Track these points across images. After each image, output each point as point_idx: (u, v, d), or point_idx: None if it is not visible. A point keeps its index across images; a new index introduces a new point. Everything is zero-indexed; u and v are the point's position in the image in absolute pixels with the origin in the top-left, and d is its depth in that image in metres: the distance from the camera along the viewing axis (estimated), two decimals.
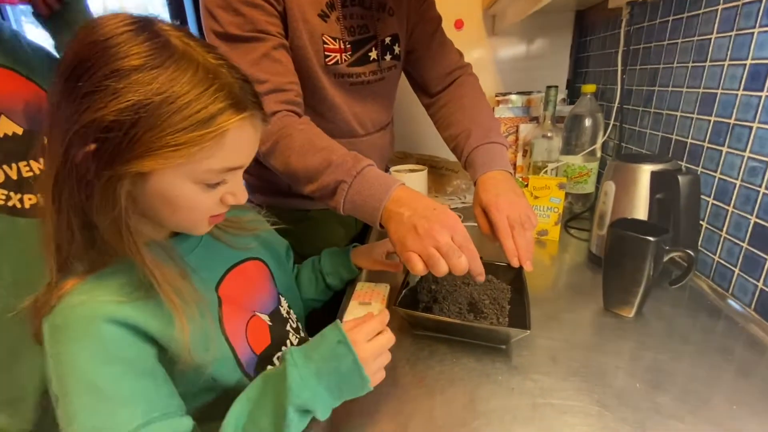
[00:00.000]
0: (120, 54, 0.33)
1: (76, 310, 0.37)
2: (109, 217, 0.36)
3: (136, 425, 0.35)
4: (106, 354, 0.36)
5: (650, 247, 0.56)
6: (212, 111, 0.36)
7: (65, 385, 0.35)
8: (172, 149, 0.35)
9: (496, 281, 0.68)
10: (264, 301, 0.56)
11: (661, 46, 0.81)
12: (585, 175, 1.01)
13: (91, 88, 0.33)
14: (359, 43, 0.75)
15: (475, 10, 1.22)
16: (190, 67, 0.35)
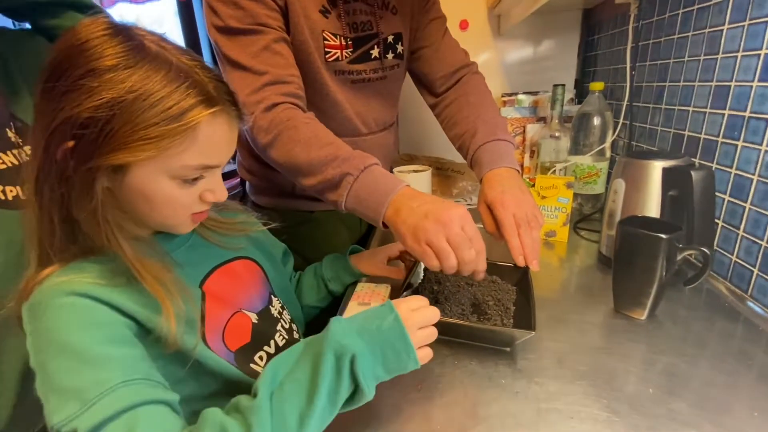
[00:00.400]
0: (95, 55, 0.35)
1: (52, 288, 0.37)
2: (86, 210, 0.37)
3: (115, 383, 0.34)
4: (80, 320, 0.36)
5: (662, 245, 0.53)
6: (184, 106, 0.36)
7: (43, 355, 0.35)
8: (145, 142, 0.35)
9: (501, 282, 0.66)
10: (252, 300, 0.54)
11: (671, 40, 0.78)
12: (594, 175, 0.98)
13: (68, 87, 0.34)
14: (361, 40, 0.75)
15: (480, 10, 1.21)
16: (162, 67, 0.36)
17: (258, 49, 0.64)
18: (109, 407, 0.33)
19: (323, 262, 0.72)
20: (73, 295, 0.36)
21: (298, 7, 0.67)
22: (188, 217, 0.43)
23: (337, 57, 0.73)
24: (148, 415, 0.34)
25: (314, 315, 0.71)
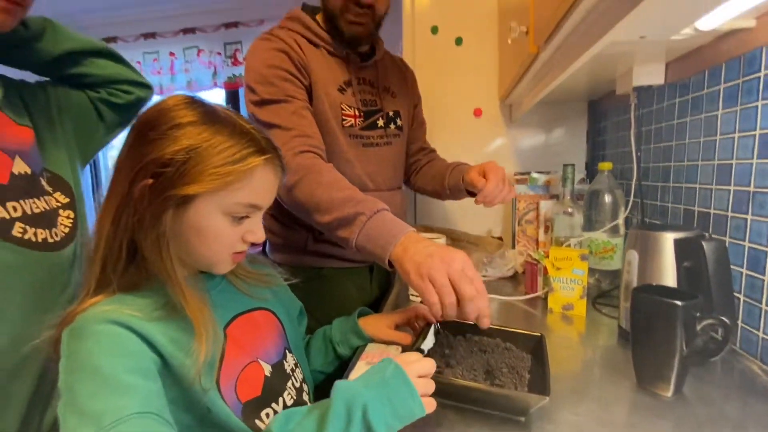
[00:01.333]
0: (180, 114, 0.45)
1: (94, 315, 0.41)
2: (152, 238, 0.43)
3: (131, 413, 0.36)
4: (112, 347, 0.39)
5: (679, 313, 0.52)
6: (244, 153, 0.45)
7: (73, 377, 0.38)
8: (213, 177, 0.43)
9: (516, 349, 0.64)
10: (269, 351, 0.55)
11: (672, 125, 0.84)
12: (610, 251, 0.98)
13: (157, 136, 0.43)
14: (369, 112, 0.91)
15: (493, 99, 1.34)
16: (228, 126, 0.46)
17: (287, 113, 0.78)
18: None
19: (332, 325, 0.72)
20: (111, 323, 0.40)
21: (320, 86, 0.84)
22: (230, 255, 0.49)
23: (351, 124, 0.89)
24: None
25: (320, 380, 0.70)
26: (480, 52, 1.30)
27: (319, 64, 0.85)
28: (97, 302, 0.42)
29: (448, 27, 1.31)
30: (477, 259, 1.16)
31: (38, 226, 0.58)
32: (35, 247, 0.57)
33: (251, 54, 0.85)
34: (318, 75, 0.84)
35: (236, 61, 2.66)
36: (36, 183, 0.61)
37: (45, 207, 0.61)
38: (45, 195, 0.61)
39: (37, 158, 0.63)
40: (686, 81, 0.79)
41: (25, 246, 0.56)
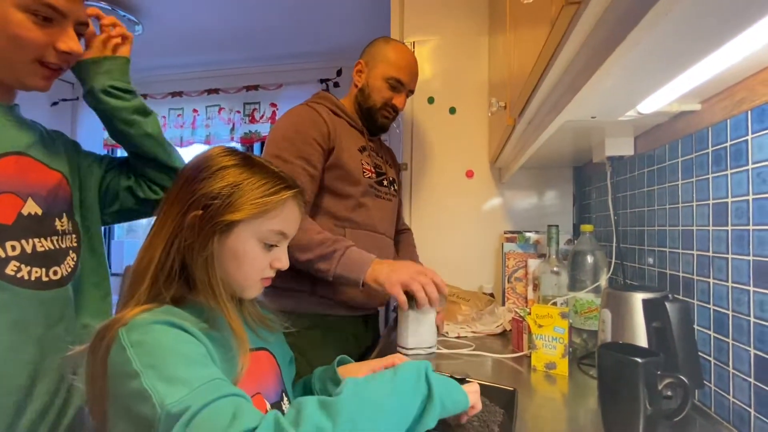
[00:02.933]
0: (224, 160, 0.55)
1: (148, 317, 0.47)
2: (202, 258, 0.51)
3: (216, 378, 0.42)
4: (182, 337, 0.46)
5: (640, 370, 0.54)
6: (278, 188, 0.55)
7: (151, 357, 0.42)
8: (253, 206, 0.52)
9: (489, 403, 0.65)
10: (269, 390, 0.58)
11: (643, 192, 0.90)
12: (594, 310, 1.00)
13: (206, 175, 0.53)
14: (378, 173, 1.10)
15: (483, 162, 1.43)
16: (263, 168, 0.57)
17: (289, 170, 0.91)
18: (216, 391, 0.40)
19: (314, 374, 0.73)
20: (168, 324, 0.46)
21: (344, 145, 1.03)
22: (259, 280, 0.57)
23: (369, 176, 1.08)
24: (246, 403, 0.41)
25: None
26: (471, 119, 1.42)
27: (343, 129, 1.06)
28: (148, 309, 0.48)
29: (443, 97, 1.44)
30: (467, 315, 1.18)
31: (35, 265, 0.61)
32: (25, 285, 0.59)
33: (284, 117, 1.04)
34: (342, 137, 1.04)
35: (253, 119, 2.87)
36: (46, 223, 0.64)
37: (51, 246, 0.64)
38: (54, 235, 0.65)
39: (56, 201, 0.67)
40: (652, 153, 0.86)
41: (15, 284, 0.58)
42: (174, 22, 2.39)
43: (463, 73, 1.43)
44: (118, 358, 0.43)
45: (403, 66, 1.10)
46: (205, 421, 0.37)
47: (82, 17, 0.65)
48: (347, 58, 2.70)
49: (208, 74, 2.94)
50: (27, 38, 0.59)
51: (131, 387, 0.41)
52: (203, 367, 0.43)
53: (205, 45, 2.64)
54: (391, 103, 1.10)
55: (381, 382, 0.45)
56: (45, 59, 0.62)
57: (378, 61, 1.10)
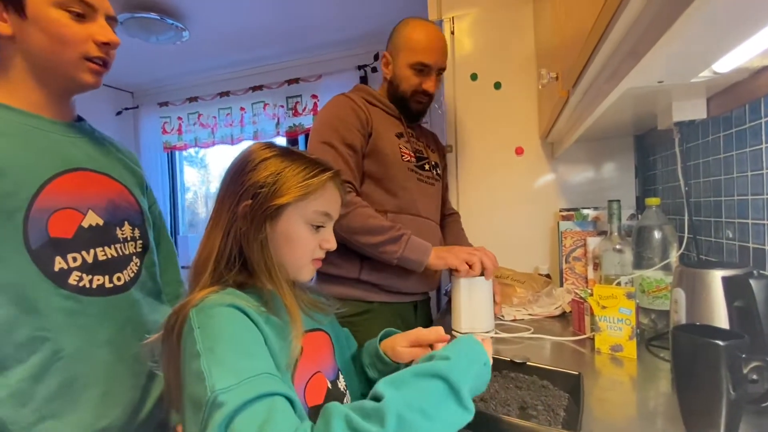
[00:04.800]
0: (264, 153, 0.59)
1: (217, 299, 0.51)
2: (257, 244, 0.55)
3: (262, 372, 0.44)
4: (238, 323, 0.49)
5: (722, 353, 0.50)
6: (317, 171, 0.59)
7: (212, 341, 0.46)
8: (296, 189, 0.56)
9: (552, 388, 0.64)
10: (328, 368, 0.62)
11: (719, 159, 0.82)
12: (664, 289, 0.93)
13: (250, 168, 0.57)
14: (419, 157, 1.10)
15: (534, 138, 1.36)
16: (301, 156, 0.61)
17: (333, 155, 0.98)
18: (258, 388, 0.42)
19: (364, 348, 0.75)
20: (232, 307, 0.50)
21: (382, 130, 1.05)
22: (311, 261, 0.61)
23: (408, 159, 1.09)
24: (282, 405, 0.42)
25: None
26: (518, 93, 1.35)
27: (379, 117, 1.08)
28: (214, 291, 0.52)
29: (487, 73, 1.38)
30: (522, 297, 1.15)
31: (97, 273, 0.65)
32: (88, 293, 0.64)
33: (326, 107, 1.08)
34: (379, 124, 1.06)
35: (296, 112, 2.93)
36: (108, 232, 0.68)
37: (114, 254, 0.68)
38: (117, 243, 0.69)
39: (118, 210, 0.71)
40: (729, 115, 0.77)
41: (78, 292, 0.62)
42: (218, 25, 2.48)
43: (507, 45, 1.36)
44: (188, 338, 0.48)
45: (424, 48, 1.06)
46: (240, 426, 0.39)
47: (110, 11, 0.68)
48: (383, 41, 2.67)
49: (252, 72, 3.03)
50: (69, 34, 0.63)
51: (193, 366, 0.44)
52: (255, 358, 0.46)
53: (247, 43, 2.72)
54: (421, 88, 1.08)
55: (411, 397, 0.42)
56: (89, 54, 0.65)
57: (399, 49, 1.08)
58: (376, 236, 0.94)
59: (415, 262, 0.95)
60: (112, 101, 3.46)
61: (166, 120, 3.30)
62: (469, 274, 0.91)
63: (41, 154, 0.63)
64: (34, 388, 0.59)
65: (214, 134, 3.15)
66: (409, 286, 1.04)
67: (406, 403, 0.41)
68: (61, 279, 0.61)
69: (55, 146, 0.65)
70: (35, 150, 0.63)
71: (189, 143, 3.23)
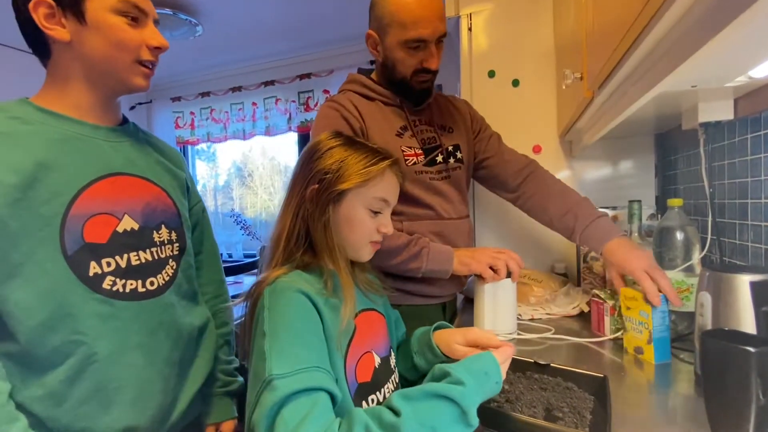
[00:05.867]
0: (330, 143, 0.65)
1: (288, 283, 0.57)
2: (321, 224, 0.61)
3: (312, 365, 0.50)
4: (300, 312, 0.54)
5: (752, 360, 0.50)
6: (376, 159, 0.64)
7: (275, 325, 0.53)
8: (358, 176, 0.62)
9: (577, 389, 0.64)
10: (380, 345, 0.66)
11: (745, 161, 0.81)
12: (685, 291, 0.93)
13: (317, 156, 0.64)
14: (429, 150, 1.01)
15: (552, 136, 1.35)
16: (363, 146, 0.66)
17: None
18: (305, 381, 0.48)
19: (414, 335, 0.77)
20: (299, 292, 0.55)
21: (378, 136, 0.95)
22: (369, 243, 0.66)
23: (414, 162, 0.99)
24: (323, 400, 0.48)
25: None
26: (537, 90, 1.34)
27: (374, 117, 0.97)
28: (284, 273, 0.59)
29: (504, 70, 1.37)
30: (540, 296, 1.15)
31: (130, 278, 0.66)
32: (121, 297, 0.65)
33: (317, 119, 0.99)
34: (374, 128, 0.96)
35: (308, 107, 2.93)
36: (144, 236, 0.68)
37: (149, 258, 0.69)
38: (152, 247, 0.70)
39: (155, 214, 0.71)
40: (758, 116, 0.76)
41: (112, 297, 0.64)
42: (230, 20, 2.48)
43: (525, 41, 1.34)
44: (260, 314, 0.55)
45: (416, 18, 0.87)
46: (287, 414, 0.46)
47: (156, 15, 0.69)
48: None
49: (264, 66, 3.03)
50: (126, 39, 0.64)
51: (260, 343, 0.52)
52: (310, 349, 0.52)
53: (259, 38, 2.72)
54: (422, 66, 0.92)
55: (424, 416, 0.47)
56: (141, 58, 0.67)
57: (387, 26, 0.91)
58: (395, 258, 0.92)
59: (440, 272, 0.94)
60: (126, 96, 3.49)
61: (179, 115, 3.33)
62: (494, 279, 0.90)
63: (81, 160, 0.64)
64: (70, 390, 0.61)
65: (226, 129, 3.18)
66: (435, 290, 1.02)
67: (420, 422, 0.46)
68: (96, 284, 0.63)
69: (96, 152, 0.67)
70: (75, 156, 0.64)
71: (201, 138, 3.26)
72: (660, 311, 0.79)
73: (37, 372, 0.60)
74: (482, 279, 0.92)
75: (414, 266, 0.93)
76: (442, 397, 0.49)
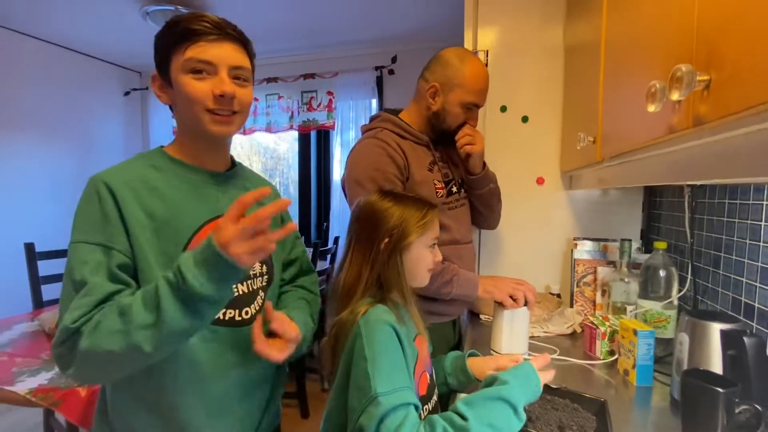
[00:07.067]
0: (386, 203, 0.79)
1: (377, 316, 0.70)
2: (394, 271, 0.76)
3: (405, 386, 0.65)
4: (392, 341, 0.69)
5: (720, 398, 0.67)
6: (425, 211, 0.79)
7: (373, 351, 0.66)
8: (418, 228, 0.77)
9: (582, 410, 0.80)
10: (429, 364, 0.81)
11: (722, 221, 0.98)
12: (664, 321, 1.10)
13: (380, 217, 0.77)
14: (448, 182, 1.19)
15: (554, 169, 1.50)
16: (410, 199, 0.81)
17: None
18: (400, 398, 0.62)
19: (447, 356, 0.92)
20: (387, 324, 0.69)
21: (417, 171, 1.13)
22: (427, 271, 0.82)
23: (441, 195, 1.17)
24: (413, 413, 0.63)
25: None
26: (544, 128, 1.48)
27: (411, 154, 1.13)
28: (367, 307, 0.72)
29: (516, 106, 1.50)
30: (538, 315, 1.31)
31: (230, 308, 0.74)
32: (222, 324, 0.73)
33: (360, 153, 1.12)
34: (413, 164, 1.12)
35: (311, 107, 2.99)
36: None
37: (246, 290, 0.76)
38: (248, 279, 0.77)
39: None
40: (735, 187, 0.93)
41: (214, 323, 0.71)
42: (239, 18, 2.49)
43: (537, 82, 1.48)
44: (357, 341, 0.68)
45: (481, 89, 1.13)
46: (388, 422, 0.61)
47: (233, 62, 0.73)
48: (402, 44, 2.74)
49: (268, 63, 3.05)
50: (192, 92, 0.72)
51: (362, 365, 0.66)
52: (401, 372, 0.67)
53: (266, 36, 2.74)
54: (466, 123, 1.16)
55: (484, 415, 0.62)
56: (208, 106, 0.73)
57: (454, 85, 1.11)
58: (433, 284, 1.00)
59: (467, 296, 1.10)
60: (120, 81, 3.43)
61: None
62: (513, 307, 1.05)
63: (197, 204, 0.74)
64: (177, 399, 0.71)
65: None
66: (451, 309, 1.19)
67: (481, 421, 0.61)
68: None
69: (208, 196, 0.76)
70: (192, 201, 0.73)
71: None
72: (645, 343, 0.95)
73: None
74: (502, 305, 1.06)
75: (445, 291, 1.07)
76: (496, 399, 0.64)
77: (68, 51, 3.02)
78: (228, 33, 0.73)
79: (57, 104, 2.97)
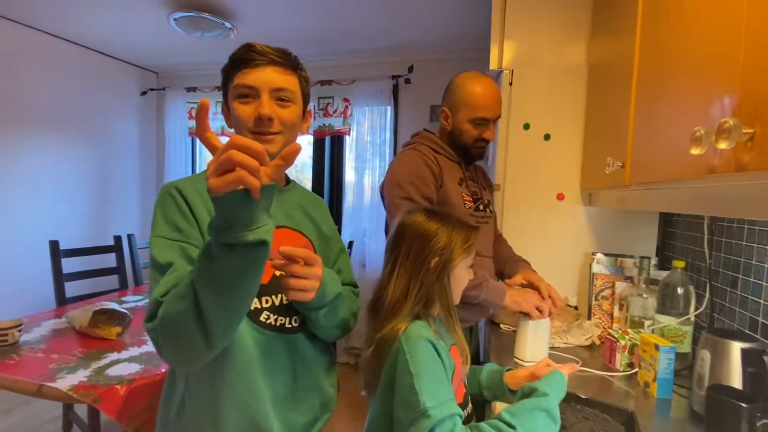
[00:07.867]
0: (434, 226, 0.82)
1: (418, 332, 0.75)
2: (441, 288, 0.80)
3: (448, 399, 0.69)
4: (434, 356, 0.73)
5: (744, 413, 0.73)
6: (469, 233, 0.84)
7: (417, 367, 0.71)
8: (463, 251, 0.81)
9: (611, 420, 0.86)
10: (463, 374, 0.86)
11: (741, 245, 1.04)
12: (681, 336, 1.17)
13: (429, 237, 0.81)
14: (476, 200, 1.29)
15: (574, 185, 1.56)
16: (454, 222, 0.84)
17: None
18: (448, 410, 0.67)
19: (485, 367, 0.97)
20: (427, 341, 0.74)
21: (448, 181, 1.23)
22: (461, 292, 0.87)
23: (470, 206, 1.26)
24: (459, 421, 0.68)
25: None
26: (566, 147, 1.54)
27: (445, 166, 1.25)
28: (411, 323, 0.76)
29: (538, 124, 1.56)
30: (558, 327, 1.37)
31: (281, 315, 0.80)
32: (273, 329, 0.79)
33: (401, 162, 1.23)
34: (446, 176, 1.23)
35: (327, 113, 3.04)
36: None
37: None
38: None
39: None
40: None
41: (266, 328, 0.78)
42: (263, 25, 2.55)
43: (560, 101, 1.53)
44: (400, 357, 0.72)
45: (483, 105, 1.21)
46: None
47: (274, 84, 0.79)
48: (419, 53, 2.80)
49: None
50: (239, 116, 0.79)
51: (407, 380, 0.70)
52: (445, 385, 0.71)
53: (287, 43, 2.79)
54: (481, 137, 1.25)
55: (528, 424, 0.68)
56: (251, 129, 0.79)
57: (460, 106, 1.23)
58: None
59: (493, 304, 1.16)
60: (137, 80, 3.47)
61: (192, 106, 3.35)
62: (538, 318, 1.12)
63: None
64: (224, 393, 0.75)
65: None
66: (472, 316, 1.25)
67: (526, 429, 0.67)
68: (256, 316, 0.78)
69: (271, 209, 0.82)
70: None
71: (215, 131, 3.30)
72: (666, 357, 1.01)
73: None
74: (527, 316, 1.13)
75: (474, 294, 1.13)
76: (537, 409, 0.70)
77: (87, 50, 3.06)
78: (271, 58, 0.79)
79: (75, 102, 3.01)
